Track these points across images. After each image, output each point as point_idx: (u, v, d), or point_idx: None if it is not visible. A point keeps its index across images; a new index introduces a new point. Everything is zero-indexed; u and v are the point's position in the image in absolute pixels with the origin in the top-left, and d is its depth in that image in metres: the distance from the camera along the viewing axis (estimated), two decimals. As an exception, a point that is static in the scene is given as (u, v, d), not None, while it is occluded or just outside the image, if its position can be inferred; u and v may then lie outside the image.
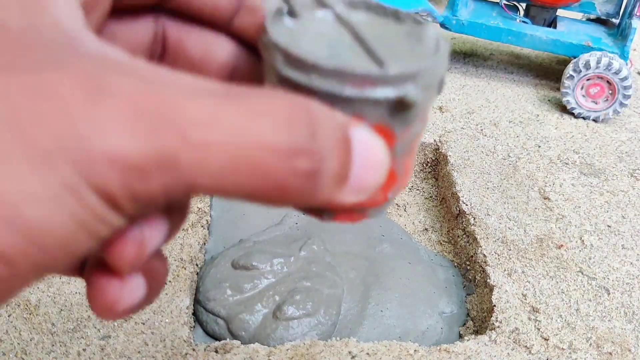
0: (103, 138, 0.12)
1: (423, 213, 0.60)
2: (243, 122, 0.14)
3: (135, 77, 0.14)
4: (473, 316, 0.48)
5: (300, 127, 0.15)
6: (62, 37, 0.14)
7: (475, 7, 0.77)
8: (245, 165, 0.14)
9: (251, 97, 0.15)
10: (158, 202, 0.14)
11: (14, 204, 0.12)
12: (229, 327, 0.44)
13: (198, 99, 0.14)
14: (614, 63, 0.66)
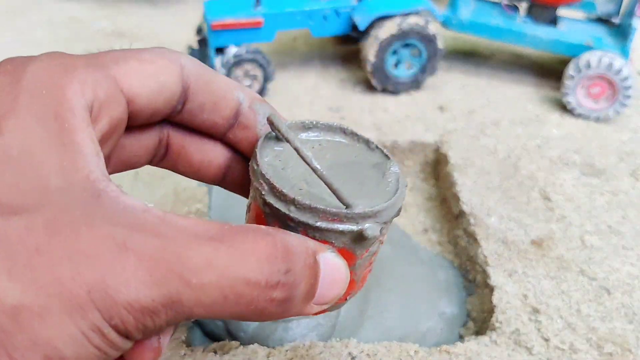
0: (125, 289, 0.17)
1: (423, 214, 0.60)
2: (232, 263, 0.18)
3: (152, 233, 0.18)
4: (473, 317, 0.48)
5: (277, 264, 0.19)
6: (92, 194, 0.18)
7: (476, 6, 0.76)
8: (232, 298, 0.18)
9: (240, 237, 0.19)
10: (162, 330, 0.19)
11: (55, 346, 0.16)
12: (228, 327, 0.44)
13: (198, 245, 0.18)
14: (615, 63, 0.66)
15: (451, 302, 0.49)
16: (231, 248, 0.19)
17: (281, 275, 0.19)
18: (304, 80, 0.76)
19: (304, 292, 0.21)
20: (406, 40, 0.69)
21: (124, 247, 0.17)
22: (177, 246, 0.18)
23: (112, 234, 0.17)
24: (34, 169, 0.18)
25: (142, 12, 0.99)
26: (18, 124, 0.18)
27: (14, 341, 0.16)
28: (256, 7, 0.68)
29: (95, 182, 0.18)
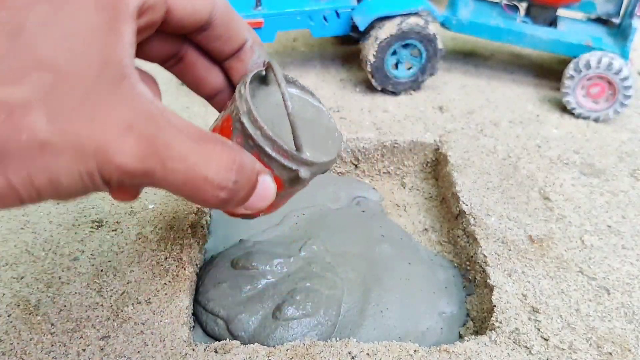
0: (120, 157, 0.23)
1: (423, 213, 0.60)
2: (200, 161, 0.25)
3: (153, 121, 0.24)
4: (473, 316, 0.48)
5: (231, 174, 0.26)
6: (119, 75, 0.24)
7: (475, 6, 0.77)
8: (189, 186, 0.25)
9: (211, 144, 0.26)
10: (132, 187, 0.28)
11: (58, 176, 0.22)
12: (229, 327, 0.44)
13: (182, 140, 0.25)
14: (615, 63, 0.66)
15: (451, 301, 0.49)
16: (203, 151, 0.25)
17: (230, 183, 0.26)
18: (304, 81, 0.77)
19: (241, 198, 0.28)
20: (406, 41, 0.69)
21: (130, 127, 0.23)
22: (167, 136, 0.24)
23: (125, 114, 0.23)
24: (85, 41, 0.23)
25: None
26: (80, 4, 0.23)
27: (35, 164, 0.22)
28: (256, 8, 0.68)
29: (125, 67, 0.24)
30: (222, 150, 0.26)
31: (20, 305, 0.43)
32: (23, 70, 0.22)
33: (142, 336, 0.41)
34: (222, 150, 0.26)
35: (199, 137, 0.26)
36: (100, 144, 0.23)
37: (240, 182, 0.27)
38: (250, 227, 0.56)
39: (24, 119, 0.21)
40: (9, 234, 0.50)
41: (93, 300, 0.44)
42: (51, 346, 0.40)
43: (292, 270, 0.47)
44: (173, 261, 0.47)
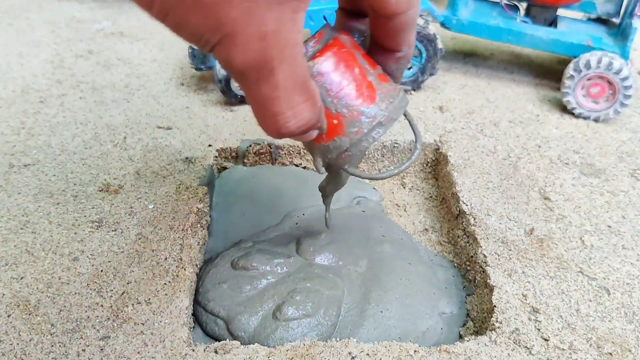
0: (236, 52, 0.27)
1: (423, 213, 0.60)
2: (285, 105, 0.30)
3: (281, 47, 0.28)
4: (473, 317, 0.48)
5: (294, 128, 0.31)
6: None
7: (475, 6, 0.76)
8: (262, 111, 0.30)
9: (305, 100, 0.31)
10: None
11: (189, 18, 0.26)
12: (229, 327, 0.44)
13: (286, 80, 0.29)
14: (615, 63, 0.66)
15: (451, 301, 0.49)
16: (292, 100, 0.30)
17: (287, 134, 0.31)
18: (304, 81, 0.76)
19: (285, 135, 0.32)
20: (406, 41, 0.69)
21: (263, 36, 0.27)
22: (280, 67, 0.28)
23: (268, 26, 0.26)
24: None
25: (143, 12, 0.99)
26: None
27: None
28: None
29: None
30: (308, 110, 0.31)
31: (20, 306, 0.43)
32: None
33: (142, 336, 0.41)
34: (308, 110, 0.31)
35: (302, 86, 0.30)
36: (233, 32, 0.26)
37: (297, 132, 0.32)
38: (250, 227, 0.56)
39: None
40: (9, 234, 0.50)
41: (93, 300, 0.44)
42: (51, 346, 0.40)
43: (292, 271, 0.47)
44: (173, 261, 0.47)
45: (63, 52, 0.84)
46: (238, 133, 0.64)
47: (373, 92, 0.37)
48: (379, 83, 0.38)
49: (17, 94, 0.73)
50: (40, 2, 1.02)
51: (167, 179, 0.57)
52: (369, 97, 0.37)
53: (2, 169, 0.58)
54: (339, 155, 0.38)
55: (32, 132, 0.65)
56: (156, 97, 0.72)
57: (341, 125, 0.37)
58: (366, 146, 0.38)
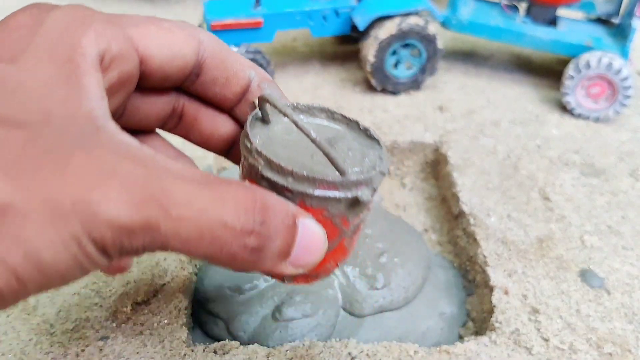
0: (107, 207, 0.18)
1: (423, 213, 0.60)
2: (212, 205, 0.20)
3: (141, 164, 0.19)
4: (473, 317, 0.48)
5: (254, 214, 0.21)
6: (91, 127, 0.20)
7: (475, 6, 0.76)
8: (208, 237, 0.20)
9: (223, 186, 0.21)
10: (137, 253, 0.20)
11: (36, 247, 0.17)
12: (229, 327, 0.44)
13: (183, 184, 0.20)
14: (615, 63, 0.66)
15: (451, 302, 0.49)
16: (213, 192, 0.20)
17: (256, 225, 0.21)
18: (303, 80, 0.76)
19: (279, 248, 0.22)
20: (406, 41, 0.69)
21: (112, 171, 0.19)
22: (162, 180, 0.19)
23: (103, 158, 0.19)
24: (41, 96, 0.20)
25: (142, 12, 0.99)
26: (32, 59, 0.20)
27: (0, 233, 0.17)
28: (256, 7, 0.68)
29: (95, 118, 0.20)
30: (237, 189, 0.21)
31: (19, 306, 0.43)
32: None
33: (141, 337, 0.41)
34: (237, 189, 0.21)
35: (204, 180, 0.21)
36: (77, 197, 0.18)
37: (270, 223, 0.21)
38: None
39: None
40: (8, 234, 0.50)
41: (92, 301, 0.44)
42: (50, 347, 0.40)
43: (291, 271, 0.47)
44: (172, 262, 0.47)
45: (62, 52, 0.84)
46: (238, 133, 0.64)
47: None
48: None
49: (16, 94, 0.73)
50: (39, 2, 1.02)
51: (166, 179, 0.57)
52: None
53: (1, 169, 0.58)
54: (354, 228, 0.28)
55: (32, 132, 0.65)
56: (156, 97, 0.72)
57: None
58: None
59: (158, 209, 0.19)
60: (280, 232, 0.22)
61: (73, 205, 0.18)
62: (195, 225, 0.19)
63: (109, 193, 0.18)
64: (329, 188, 0.24)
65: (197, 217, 0.19)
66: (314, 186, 0.24)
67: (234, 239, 0.20)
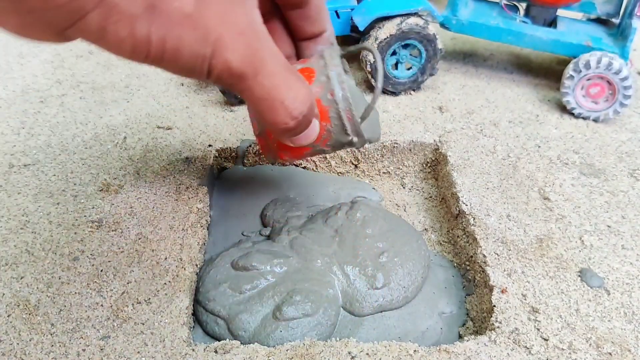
0: (228, 52, 0.28)
1: (423, 213, 0.60)
2: (283, 86, 0.31)
3: (257, 35, 0.30)
4: (473, 316, 0.48)
5: (304, 107, 0.33)
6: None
7: (475, 6, 0.77)
8: (267, 103, 0.32)
9: (296, 78, 0.33)
10: (224, 86, 0.31)
11: (180, 36, 0.27)
12: (229, 327, 0.44)
13: (275, 63, 0.31)
14: (614, 63, 0.66)
15: (450, 301, 0.49)
16: (288, 79, 0.32)
17: (300, 115, 0.33)
18: (304, 81, 0.77)
19: (299, 131, 0.35)
20: (406, 41, 0.69)
21: (242, 32, 0.29)
22: (264, 53, 0.30)
23: (241, 21, 0.29)
24: None
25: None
26: None
27: (173, 29, 0.26)
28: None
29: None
30: (303, 86, 0.33)
31: (20, 305, 0.43)
32: None
33: (142, 336, 0.41)
34: (303, 86, 0.33)
35: (287, 67, 0.32)
36: (220, 36, 0.27)
37: (307, 117, 0.34)
38: (250, 227, 0.56)
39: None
40: (9, 234, 0.50)
41: (93, 300, 0.44)
42: (51, 346, 0.40)
43: (291, 271, 0.47)
44: (173, 261, 0.47)
45: (63, 52, 0.84)
46: (238, 133, 0.64)
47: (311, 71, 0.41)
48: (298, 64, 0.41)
49: (17, 94, 0.73)
50: (40, 2, 1.02)
51: (167, 179, 0.57)
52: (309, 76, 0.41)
53: (2, 169, 0.58)
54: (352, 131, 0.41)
55: (32, 132, 0.65)
56: (156, 97, 0.72)
57: (325, 111, 0.40)
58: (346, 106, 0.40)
59: (253, 70, 0.29)
60: (305, 124, 0.35)
61: (215, 39, 0.27)
62: (266, 92, 0.31)
63: (235, 45, 0.28)
64: (348, 118, 0.39)
65: (269, 88, 0.31)
66: (345, 108, 0.39)
67: (283, 115, 0.32)
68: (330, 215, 0.52)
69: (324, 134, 0.40)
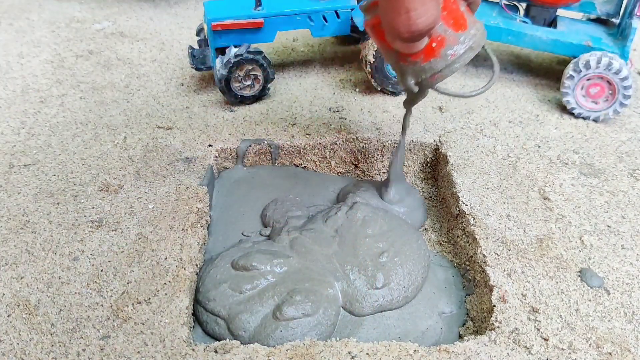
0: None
1: (423, 213, 0.60)
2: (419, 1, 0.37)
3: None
4: (473, 316, 0.48)
5: (423, 27, 0.38)
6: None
7: (475, 7, 0.76)
8: (398, 5, 0.37)
9: (435, 3, 0.38)
10: None
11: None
12: (229, 326, 0.44)
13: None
14: (614, 63, 0.66)
15: (450, 301, 0.49)
16: (428, 2, 0.37)
17: (416, 34, 0.39)
18: (304, 81, 0.77)
19: (405, 42, 0.41)
20: (406, 41, 0.69)
21: None
22: None
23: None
24: None
25: (143, 12, 0.99)
26: None
27: None
28: (256, 8, 0.68)
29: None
30: (435, 10, 0.38)
31: (20, 305, 0.43)
32: None
33: (142, 336, 0.41)
34: (435, 10, 0.38)
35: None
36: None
37: (420, 36, 0.39)
38: (250, 227, 0.56)
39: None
40: (9, 234, 0.50)
41: (93, 300, 0.44)
42: (51, 346, 0.40)
43: (291, 271, 0.47)
44: (173, 261, 0.47)
45: (63, 52, 0.84)
46: (238, 133, 0.64)
47: (465, 20, 0.44)
48: (468, 14, 0.44)
49: (17, 94, 0.73)
50: (40, 2, 1.02)
51: (167, 179, 0.57)
52: (462, 25, 0.43)
53: (2, 169, 0.58)
54: (432, 75, 0.44)
55: (32, 132, 0.65)
56: (156, 97, 0.72)
57: (439, 48, 0.43)
58: (458, 67, 0.44)
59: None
60: (414, 40, 0.40)
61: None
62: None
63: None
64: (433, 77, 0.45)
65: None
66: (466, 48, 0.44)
67: (402, 22, 0.38)
68: (330, 215, 0.52)
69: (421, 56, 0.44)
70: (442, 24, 0.43)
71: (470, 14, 0.45)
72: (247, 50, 0.67)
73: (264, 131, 0.65)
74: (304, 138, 0.64)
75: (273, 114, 0.68)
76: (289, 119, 0.67)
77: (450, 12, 0.43)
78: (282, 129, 0.65)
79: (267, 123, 0.66)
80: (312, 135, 0.64)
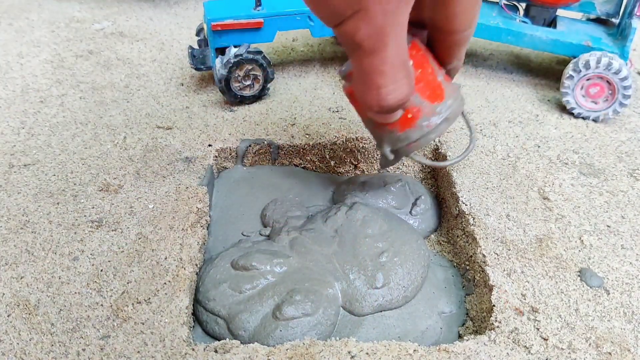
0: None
1: (423, 213, 0.60)
2: (390, 79, 0.35)
3: (399, 32, 0.34)
4: (472, 316, 0.48)
5: (393, 104, 0.37)
6: None
7: (475, 7, 0.76)
8: (368, 83, 0.36)
9: (405, 78, 0.36)
10: None
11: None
12: (229, 326, 0.44)
13: (395, 56, 0.35)
14: (614, 63, 0.66)
15: (450, 301, 0.49)
16: (400, 80, 0.36)
17: (386, 109, 0.38)
18: (303, 81, 0.77)
19: (378, 114, 0.40)
20: (406, 41, 0.69)
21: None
22: (390, 51, 0.35)
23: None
24: None
25: (143, 12, 0.99)
26: None
27: None
28: (256, 8, 0.68)
29: None
30: (407, 88, 0.37)
31: (20, 305, 0.43)
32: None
33: (142, 336, 0.41)
34: (407, 88, 0.37)
35: (404, 64, 0.35)
36: (367, 7, 0.31)
37: (392, 111, 0.38)
38: (250, 227, 0.56)
39: None
40: (9, 233, 0.50)
41: (93, 300, 0.44)
42: (51, 346, 0.40)
43: (291, 270, 0.48)
44: (173, 261, 0.47)
45: (63, 52, 0.85)
46: (238, 133, 0.64)
47: (442, 91, 0.43)
48: (446, 83, 0.44)
49: (17, 94, 0.73)
50: (40, 2, 1.02)
51: (167, 179, 0.57)
52: (438, 96, 0.43)
53: (2, 169, 0.59)
54: (408, 144, 0.44)
55: (32, 132, 0.65)
56: (156, 97, 0.72)
57: (414, 119, 0.43)
58: (433, 138, 0.44)
59: (371, 48, 0.33)
60: (387, 114, 0.40)
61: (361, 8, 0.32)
62: (371, 71, 0.35)
63: (372, 21, 0.32)
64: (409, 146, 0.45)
65: (375, 69, 0.35)
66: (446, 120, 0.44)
67: (374, 98, 0.37)
68: (330, 215, 0.52)
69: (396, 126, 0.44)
70: (418, 95, 0.42)
71: (449, 82, 0.44)
72: (246, 50, 0.67)
73: (264, 131, 0.65)
74: (304, 138, 0.64)
75: (273, 114, 0.68)
76: (289, 118, 0.67)
77: (427, 84, 0.42)
78: (282, 129, 0.65)
79: (267, 123, 0.66)
80: (311, 135, 0.64)
